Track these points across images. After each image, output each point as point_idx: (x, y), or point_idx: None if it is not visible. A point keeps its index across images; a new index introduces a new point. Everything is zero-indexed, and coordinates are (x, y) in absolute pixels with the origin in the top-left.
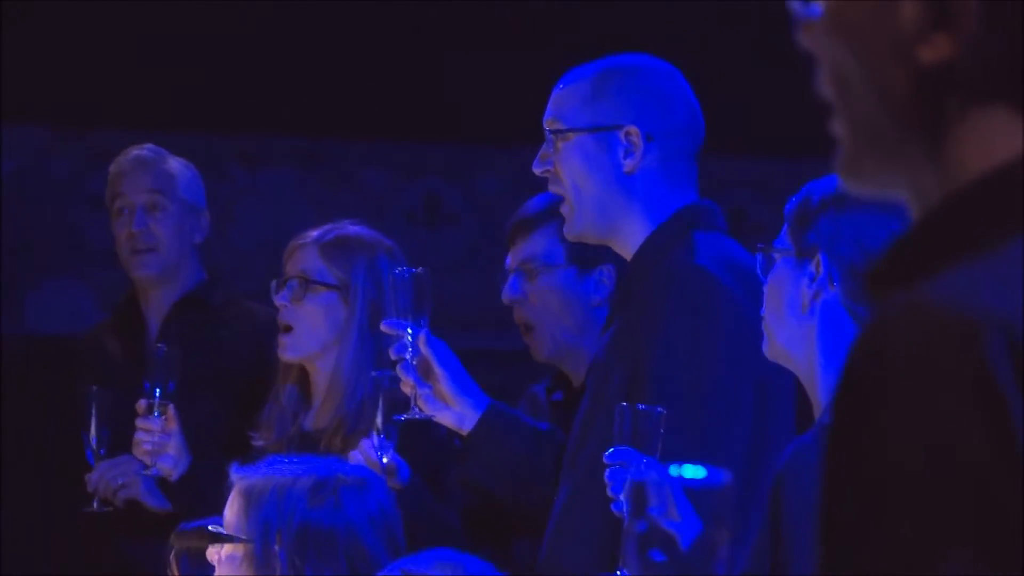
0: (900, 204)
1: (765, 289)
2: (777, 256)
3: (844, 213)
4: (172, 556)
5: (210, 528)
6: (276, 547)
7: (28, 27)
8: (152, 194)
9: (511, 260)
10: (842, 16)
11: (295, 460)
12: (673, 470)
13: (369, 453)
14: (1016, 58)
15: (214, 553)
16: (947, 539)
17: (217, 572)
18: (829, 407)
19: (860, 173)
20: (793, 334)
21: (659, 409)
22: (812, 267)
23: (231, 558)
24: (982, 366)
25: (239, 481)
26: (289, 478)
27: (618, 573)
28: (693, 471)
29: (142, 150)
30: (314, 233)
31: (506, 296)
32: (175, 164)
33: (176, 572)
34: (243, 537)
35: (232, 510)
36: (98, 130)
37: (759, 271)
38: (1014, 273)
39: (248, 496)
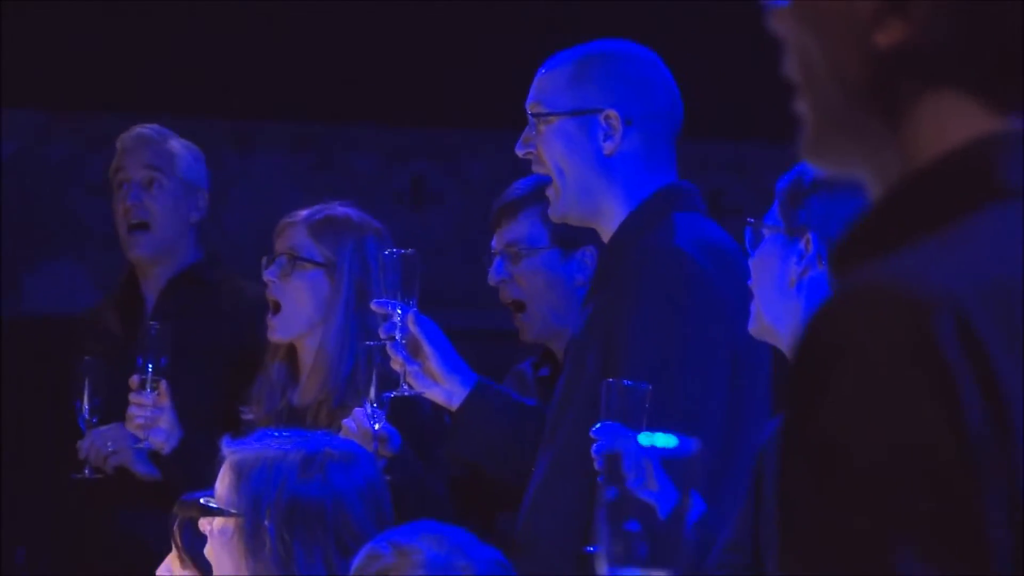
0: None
1: (751, 264)
2: (767, 232)
3: (836, 194)
4: (175, 526)
5: (202, 501)
6: (266, 522)
7: (26, 14)
8: (150, 170)
9: (496, 242)
10: (806, 3)
11: (286, 435)
12: (644, 439)
13: (362, 421)
14: (966, 43)
15: (206, 525)
16: (895, 517)
17: (209, 544)
18: (785, 384)
19: (823, 152)
20: (779, 310)
21: (644, 385)
22: (802, 245)
23: (223, 531)
24: (932, 346)
25: (231, 455)
26: (279, 453)
27: (591, 549)
28: (664, 440)
29: (146, 128)
30: (303, 213)
31: (492, 278)
32: (176, 144)
33: (179, 541)
34: (233, 511)
35: (223, 484)
36: (94, 115)
37: (747, 245)
38: (965, 252)
39: (239, 471)
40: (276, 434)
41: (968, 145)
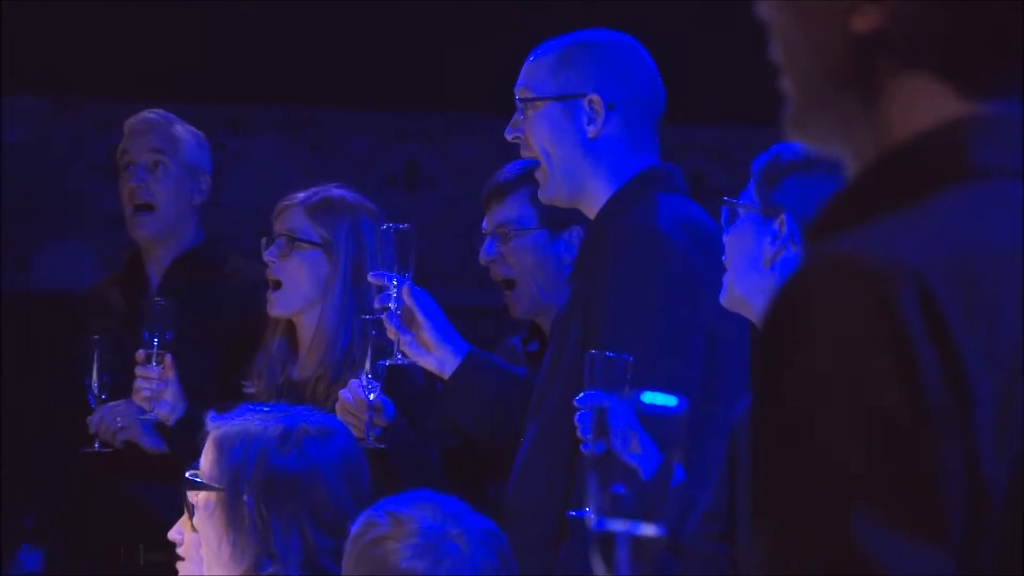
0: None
1: (726, 240)
2: (742, 211)
3: (811, 175)
4: (188, 493)
5: (188, 475)
6: (244, 496)
7: (32, 6)
8: (154, 154)
9: (487, 224)
10: None
11: (266, 410)
12: (635, 397)
13: (357, 392)
14: (938, 28)
15: (193, 498)
16: (854, 480)
17: (196, 517)
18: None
19: (805, 128)
20: (753, 286)
21: (626, 356)
22: (776, 225)
23: (207, 505)
24: (893, 314)
25: (214, 431)
26: (259, 428)
27: (588, 508)
28: (652, 396)
29: (151, 113)
30: (300, 195)
31: (483, 257)
32: (180, 129)
33: (192, 508)
34: (215, 485)
35: (207, 459)
36: (97, 101)
37: (723, 222)
38: (930, 228)
39: (220, 446)
40: (257, 409)
41: (939, 126)
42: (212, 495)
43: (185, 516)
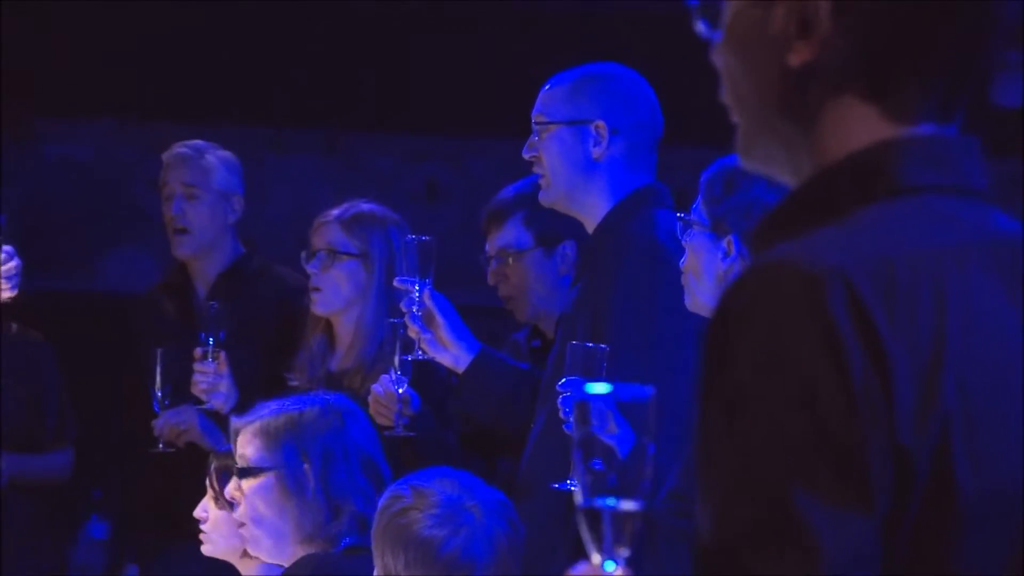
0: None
1: (685, 247)
2: (695, 227)
3: (751, 191)
4: (212, 470)
5: (239, 467)
6: (305, 466)
7: (95, 38)
8: (188, 187)
9: (489, 248)
10: (732, 34)
11: (283, 401)
12: (591, 387)
13: (388, 385)
14: (862, 60)
15: (235, 492)
16: (791, 459)
17: (244, 510)
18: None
19: (754, 155)
20: (711, 295)
21: (603, 347)
22: (724, 245)
23: (261, 487)
24: (824, 311)
25: (249, 425)
26: (295, 412)
27: (568, 481)
28: (607, 387)
29: (184, 147)
30: (335, 212)
31: (491, 278)
32: (212, 158)
33: (215, 484)
34: (271, 467)
35: (252, 448)
36: (156, 122)
37: (679, 234)
38: (857, 237)
39: (266, 433)
40: (270, 403)
41: (870, 148)
42: (266, 477)
43: (209, 494)
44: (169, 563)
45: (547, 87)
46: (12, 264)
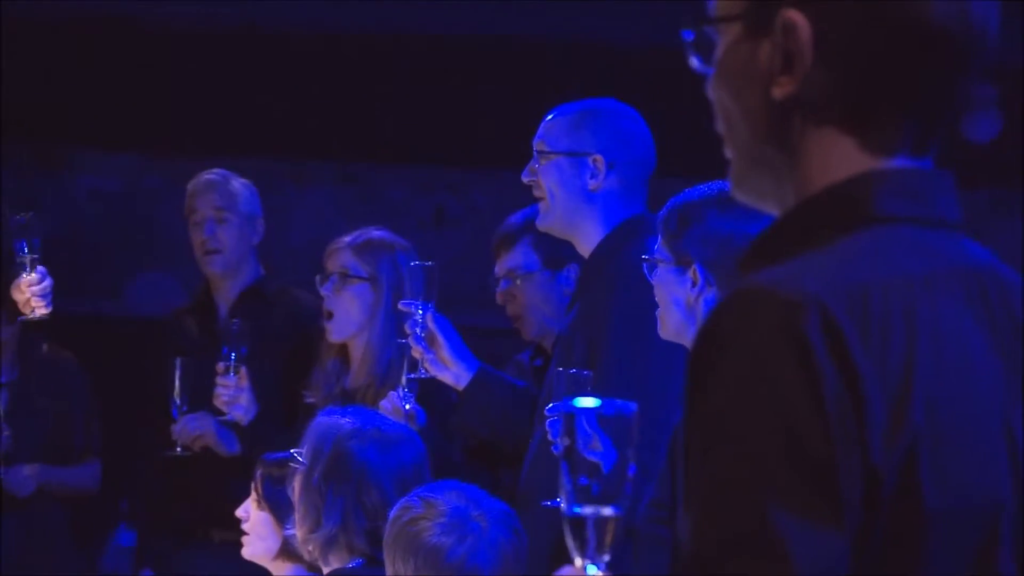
0: (755, 209)
1: (654, 284)
2: (659, 264)
3: (705, 221)
4: (257, 476)
5: (292, 452)
6: (315, 471)
7: (126, 78)
8: (218, 210)
9: (498, 269)
10: (723, 69)
11: (351, 410)
12: (578, 402)
13: (395, 401)
14: (843, 93)
15: (291, 477)
16: (767, 478)
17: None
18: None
19: (744, 188)
20: (682, 325)
21: (586, 372)
22: (690, 275)
23: (299, 478)
24: (800, 336)
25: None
26: (339, 420)
27: (559, 499)
28: (607, 403)
29: (211, 174)
30: (347, 238)
31: (499, 298)
32: (236, 184)
33: (259, 488)
34: (301, 460)
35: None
36: (182, 156)
37: (648, 275)
38: (834, 265)
39: (311, 430)
40: (345, 411)
41: (848, 180)
42: (301, 472)
43: (252, 495)
44: (184, 566)
45: (550, 116)
46: (46, 283)
